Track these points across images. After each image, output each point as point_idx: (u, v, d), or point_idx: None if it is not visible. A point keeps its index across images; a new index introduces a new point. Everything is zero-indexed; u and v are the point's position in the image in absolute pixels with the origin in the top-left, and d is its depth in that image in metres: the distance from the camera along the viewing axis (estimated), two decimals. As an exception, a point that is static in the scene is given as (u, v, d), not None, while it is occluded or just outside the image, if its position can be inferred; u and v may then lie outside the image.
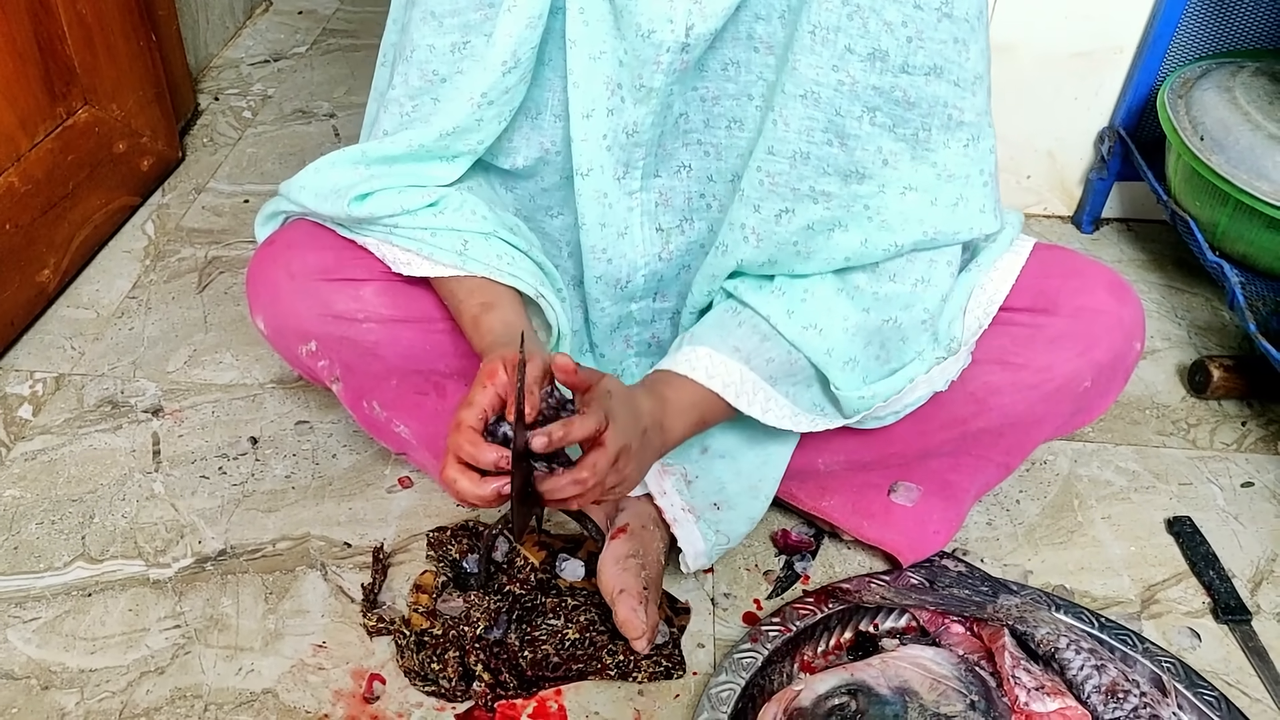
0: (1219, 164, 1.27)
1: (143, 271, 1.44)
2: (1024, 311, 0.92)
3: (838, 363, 0.85)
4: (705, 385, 0.83)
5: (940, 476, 1.01)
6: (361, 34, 2.11)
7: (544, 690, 0.94)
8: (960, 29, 0.77)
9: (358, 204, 0.86)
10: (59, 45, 1.32)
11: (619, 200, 0.89)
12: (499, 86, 0.82)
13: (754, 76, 0.83)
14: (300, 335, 0.93)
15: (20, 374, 1.27)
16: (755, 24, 0.81)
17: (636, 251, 0.92)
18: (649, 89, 0.82)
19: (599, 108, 0.84)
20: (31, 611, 0.99)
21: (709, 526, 0.97)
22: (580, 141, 0.85)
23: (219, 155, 1.71)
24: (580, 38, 0.82)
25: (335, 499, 1.12)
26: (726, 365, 0.84)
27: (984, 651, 0.94)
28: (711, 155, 0.88)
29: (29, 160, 1.28)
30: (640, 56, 0.80)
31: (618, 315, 0.97)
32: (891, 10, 0.76)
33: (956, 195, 0.82)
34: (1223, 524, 1.14)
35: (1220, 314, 1.45)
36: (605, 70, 0.83)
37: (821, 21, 0.77)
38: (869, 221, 0.82)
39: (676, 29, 0.79)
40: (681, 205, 0.91)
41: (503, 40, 0.81)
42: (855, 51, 0.77)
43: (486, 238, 0.87)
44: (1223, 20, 1.44)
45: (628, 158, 0.87)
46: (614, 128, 0.85)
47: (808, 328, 0.85)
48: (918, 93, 0.79)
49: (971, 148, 0.81)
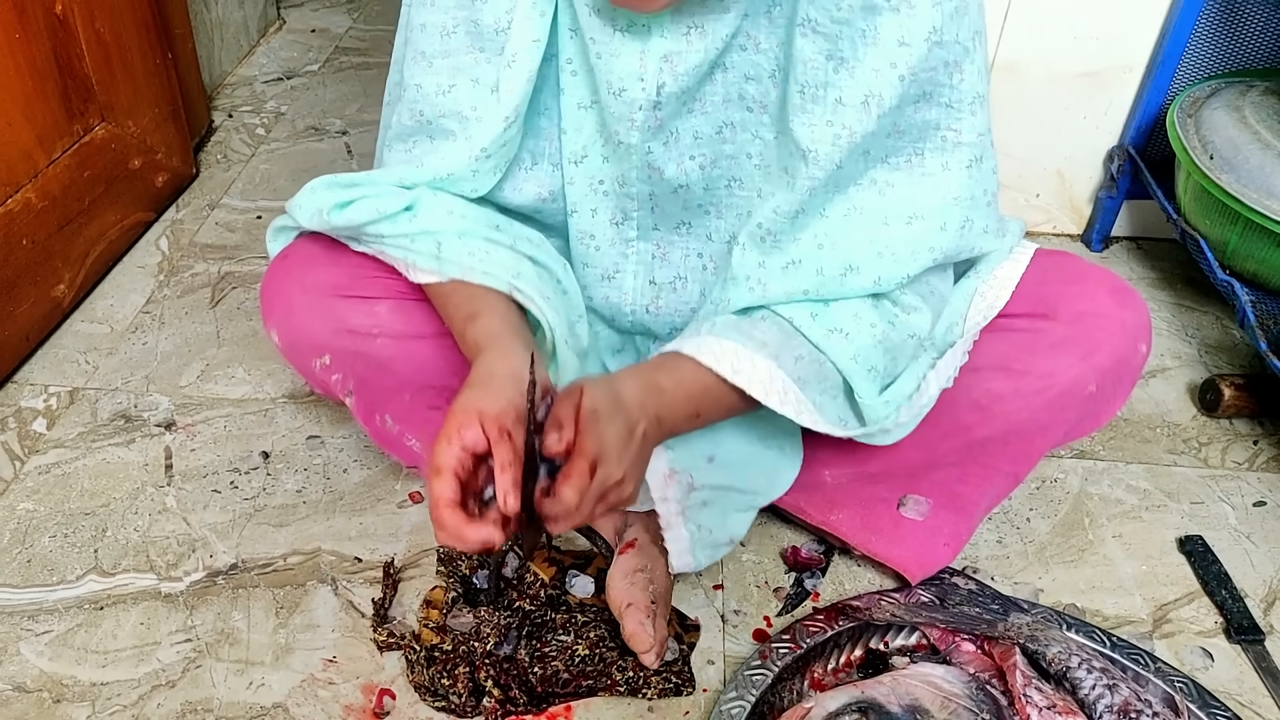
0: (1229, 183, 1.27)
1: (156, 287, 1.46)
2: (1025, 317, 0.92)
3: (862, 369, 0.83)
4: (730, 380, 0.79)
5: (948, 488, 1.00)
6: (373, 52, 2.13)
7: (554, 706, 0.94)
8: (951, 52, 0.77)
9: (337, 212, 0.86)
10: (77, 63, 1.34)
11: (612, 244, 0.90)
12: (498, 140, 0.83)
13: (750, 135, 0.83)
14: (314, 349, 0.94)
15: (35, 388, 1.27)
16: (746, 85, 0.82)
17: (624, 298, 0.93)
18: (627, 145, 0.83)
19: (591, 153, 0.86)
20: (44, 624, 1.00)
21: (692, 522, 0.96)
22: (569, 184, 0.87)
23: (232, 171, 1.72)
24: (569, 86, 0.84)
25: (346, 514, 1.13)
26: (753, 361, 0.80)
27: (995, 670, 0.93)
28: (711, 214, 0.89)
29: (46, 176, 1.30)
30: (615, 114, 0.82)
31: (619, 339, 0.99)
32: (875, 56, 0.75)
33: (963, 218, 0.82)
34: (1235, 543, 1.13)
35: (1231, 332, 1.44)
36: (594, 118, 0.85)
37: (809, 80, 0.76)
38: (879, 258, 0.81)
39: (647, 88, 0.80)
40: (678, 262, 0.92)
41: (507, 96, 0.81)
42: (846, 103, 0.76)
43: (461, 236, 0.85)
44: (1232, 39, 1.45)
45: (623, 205, 0.88)
46: (608, 175, 0.87)
47: (833, 331, 0.82)
48: (906, 120, 0.78)
49: (975, 169, 0.81)
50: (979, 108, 0.80)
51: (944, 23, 0.75)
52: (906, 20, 0.74)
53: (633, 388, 0.77)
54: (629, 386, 0.77)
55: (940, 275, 0.87)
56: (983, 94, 0.80)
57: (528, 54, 0.81)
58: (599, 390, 0.74)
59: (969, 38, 0.77)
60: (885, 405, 0.85)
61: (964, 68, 0.78)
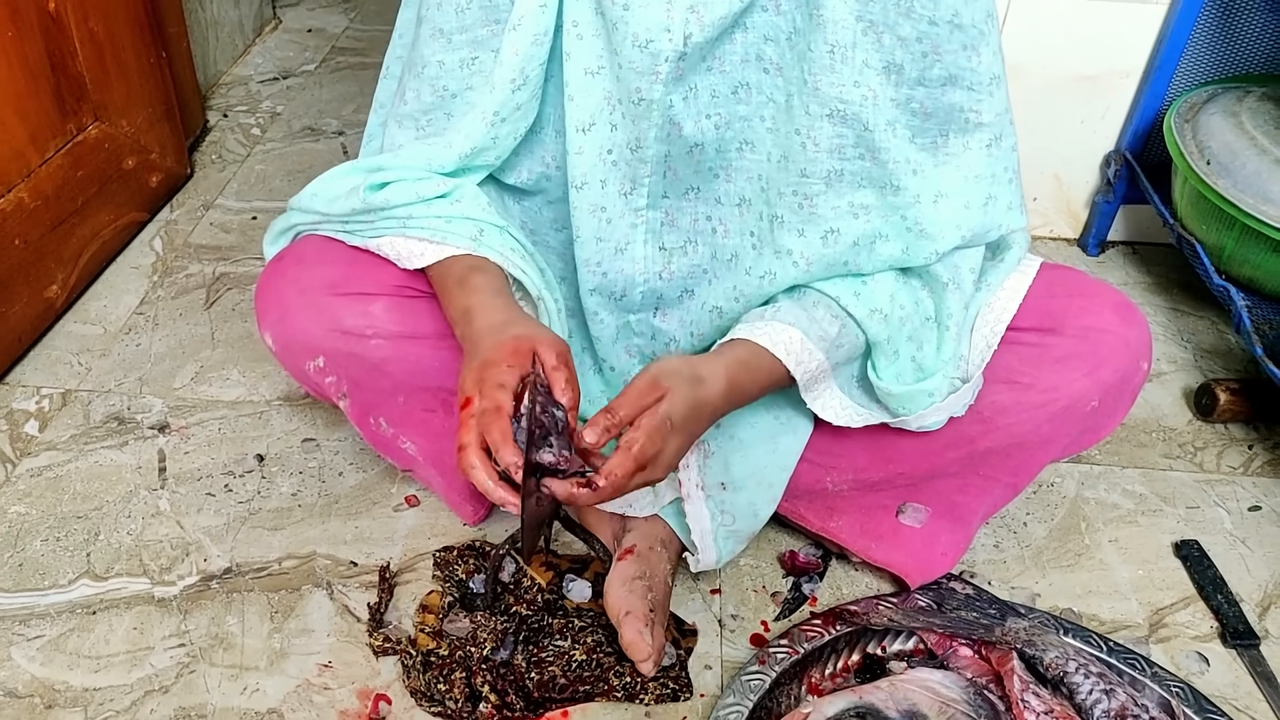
0: (1225, 188, 1.27)
1: (150, 288, 1.45)
2: (1031, 331, 0.92)
3: (890, 351, 0.87)
4: (792, 371, 0.83)
5: (948, 497, 1.00)
6: (370, 52, 2.12)
7: (551, 712, 0.93)
8: (969, 35, 0.79)
9: (373, 192, 0.87)
10: (70, 62, 1.33)
11: (621, 216, 0.89)
12: (510, 104, 0.84)
13: (764, 98, 0.84)
14: (308, 351, 0.93)
15: (27, 389, 1.27)
16: (764, 46, 0.82)
17: (635, 268, 0.92)
18: (648, 101, 0.83)
19: (599, 122, 0.85)
20: (36, 629, 0.99)
21: (715, 506, 0.96)
22: (576, 155, 0.86)
23: (227, 172, 1.71)
24: (575, 51, 0.83)
25: (341, 517, 1.12)
26: (812, 353, 0.84)
27: (992, 675, 0.93)
28: (721, 177, 0.88)
29: (39, 176, 1.29)
30: (637, 68, 0.81)
31: (615, 326, 0.98)
32: (906, 26, 0.78)
33: (986, 195, 0.84)
34: (1230, 548, 1.14)
35: (1226, 337, 1.45)
36: (603, 85, 0.84)
37: (839, 40, 0.78)
38: (908, 231, 0.83)
39: (674, 38, 0.80)
40: (687, 226, 0.91)
41: (509, 58, 0.82)
42: (871, 66, 0.78)
43: (501, 230, 0.88)
44: (1229, 45, 1.45)
45: (633, 174, 0.87)
46: (618, 143, 0.86)
47: (875, 311, 0.85)
48: (934, 103, 0.80)
49: (994, 147, 0.83)
50: (997, 88, 0.82)
51: (961, 5, 0.78)
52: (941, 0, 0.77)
53: (716, 390, 0.80)
54: (713, 390, 0.80)
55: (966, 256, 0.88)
56: (999, 74, 0.82)
57: (533, 17, 0.81)
58: (681, 397, 0.77)
59: (983, 19, 0.80)
60: (906, 396, 0.88)
61: (980, 49, 0.80)
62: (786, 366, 0.83)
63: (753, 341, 0.83)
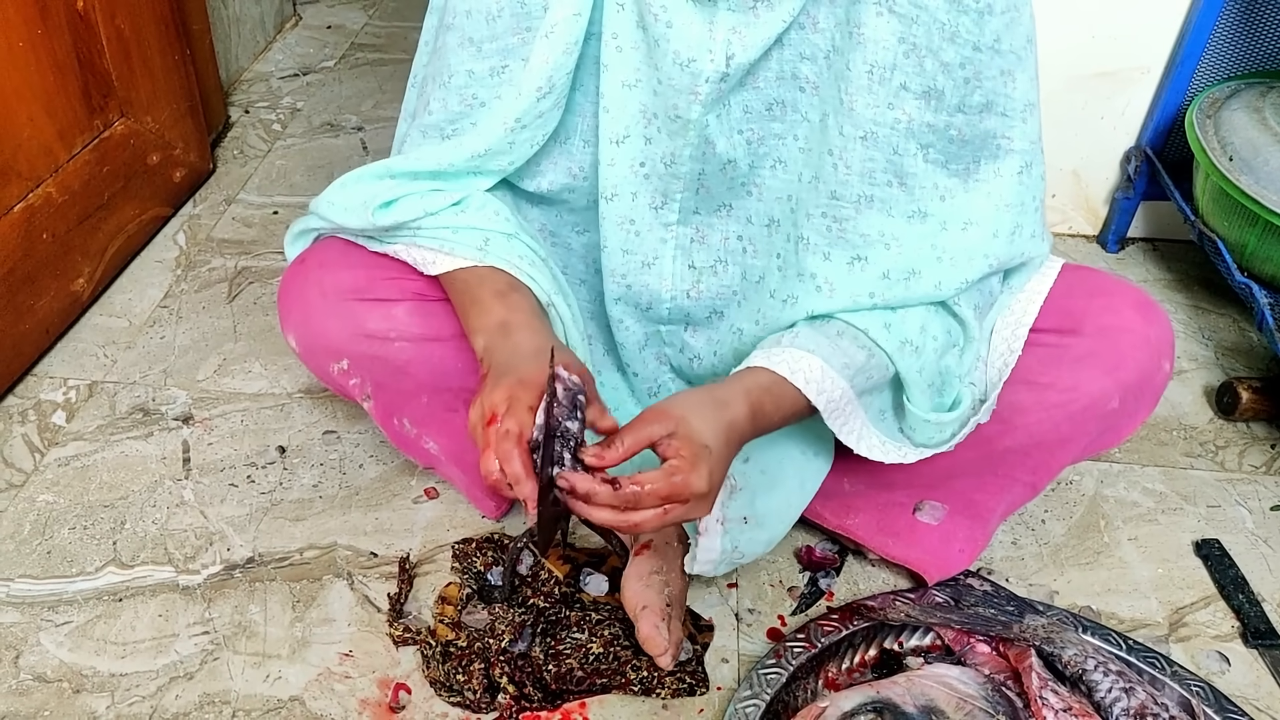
0: (1248, 184, 1.26)
1: (174, 281, 1.46)
2: (1050, 332, 0.91)
3: (924, 383, 0.84)
4: (814, 401, 0.79)
5: (966, 496, 1.00)
6: (389, 49, 2.13)
7: (568, 703, 0.94)
8: (1007, 60, 0.77)
9: (382, 211, 0.87)
10: (97, 59, 1.35)
11: (650, 230, 0.89)
12: (533, 111, 0.83)
13: (799, 117, 0.83)
14: (332, 353, 0.94)
15: (54, 381, 1.28)
16: (800, 64, 0.81)
17: (663, 284, 0.92)
18: (685, 120, 0.82)
19: (633, 134, 0.84)
20: (64, 615, 1.01)
21: (730, 541, 0.96)
22: (608, 166, 0.86)
23: (249, 167, 1.73)
24: (613, 63, 0.82)
25: (362, 509, 1.13)
26: (835, 381, 0.80)
27: (1010, 672, 0.93)
28: (753, 195, 0.88)
29: (66, 171, 1.31)
30: (676, 86, 0.80)
31: (643, 334, 0.98)
32: (950, 52, 0.76)
33: (1014, 224, 0.82)
34: (1251, 547, 1.13)
35: (1248, 335, 1.44)
36: (639, 98, 0.83)
37: (879, 61, 0.76)
38: (939, 263, 0.81)
39: (716, 59, 0.78)
40: (718, 245, 0.91)
41: (539, 65, 0.81)
42: (910, 89, 0.77)
43: (508, 238, 0.87)
44: (1252, 40, 1.44)
45: (665, 188, 0.87)
46: (651, 156, 0.85)
47: (905, 344, 0.83)
48: (971, 130, 0.79)
49: (1025, 175, 0.81)
50: (1030, 115, 0.80)
51: (1003, 30, 0.76)
52: (986, 23, 0.75)
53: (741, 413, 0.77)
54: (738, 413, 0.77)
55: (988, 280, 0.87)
56: (1033, 101, 0.81)
57: (566, 26, 0.80)
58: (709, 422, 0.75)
59: (1023, 45, 0.78)
60: (937, 427, 0.86)
61: (1017, 76, 0.78)
62: (807, 396, 0.79)
63: (770, 370, 0.80)
